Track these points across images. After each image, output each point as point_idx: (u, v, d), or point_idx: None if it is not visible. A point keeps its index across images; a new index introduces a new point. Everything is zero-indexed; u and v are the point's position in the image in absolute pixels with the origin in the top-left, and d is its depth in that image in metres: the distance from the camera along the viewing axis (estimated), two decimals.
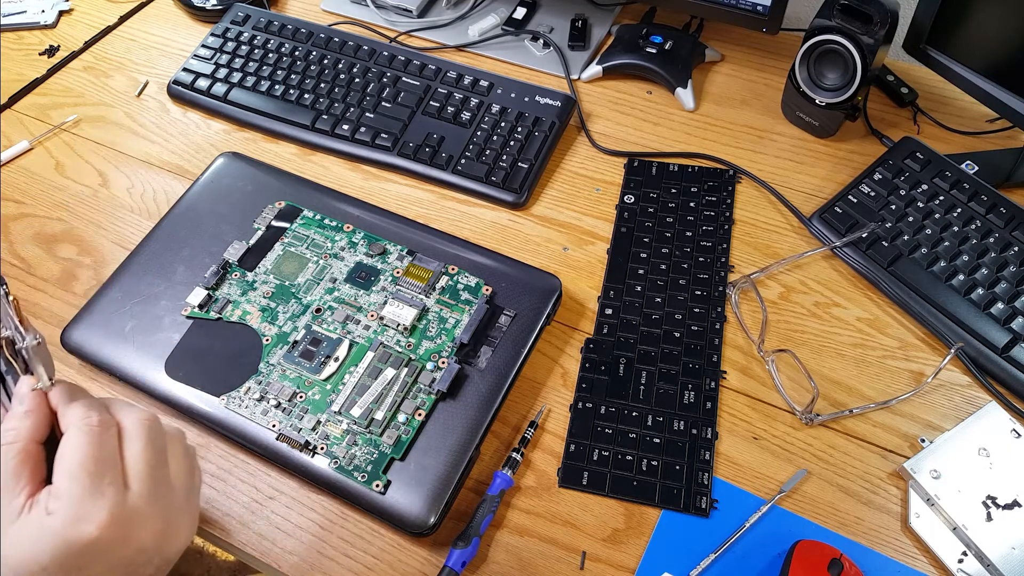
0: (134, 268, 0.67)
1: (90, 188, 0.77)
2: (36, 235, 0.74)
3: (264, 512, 0.58)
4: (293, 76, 0.83)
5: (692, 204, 0.73)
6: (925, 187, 0.71)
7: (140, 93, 0.87)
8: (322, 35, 0.86)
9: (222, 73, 0.84)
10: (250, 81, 0.83)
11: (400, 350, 0.61)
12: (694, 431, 0.60)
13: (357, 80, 0.82)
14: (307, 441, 0.57)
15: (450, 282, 0.65)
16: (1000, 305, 0.64)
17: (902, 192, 0.71)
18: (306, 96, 0.81)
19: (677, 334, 0.65)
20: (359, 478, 0.56)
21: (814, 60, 0.74)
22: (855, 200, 0.71)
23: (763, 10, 0.77)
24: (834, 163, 0.77)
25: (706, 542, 0.55)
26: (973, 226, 0.68)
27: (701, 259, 0.69)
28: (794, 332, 0.66)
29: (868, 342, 0.65)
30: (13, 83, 0.87)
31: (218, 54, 0.86)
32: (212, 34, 0.88)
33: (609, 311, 0.67)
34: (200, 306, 0.64)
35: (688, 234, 0.71)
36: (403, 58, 0.83)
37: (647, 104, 0.83)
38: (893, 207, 0.70)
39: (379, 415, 0.58)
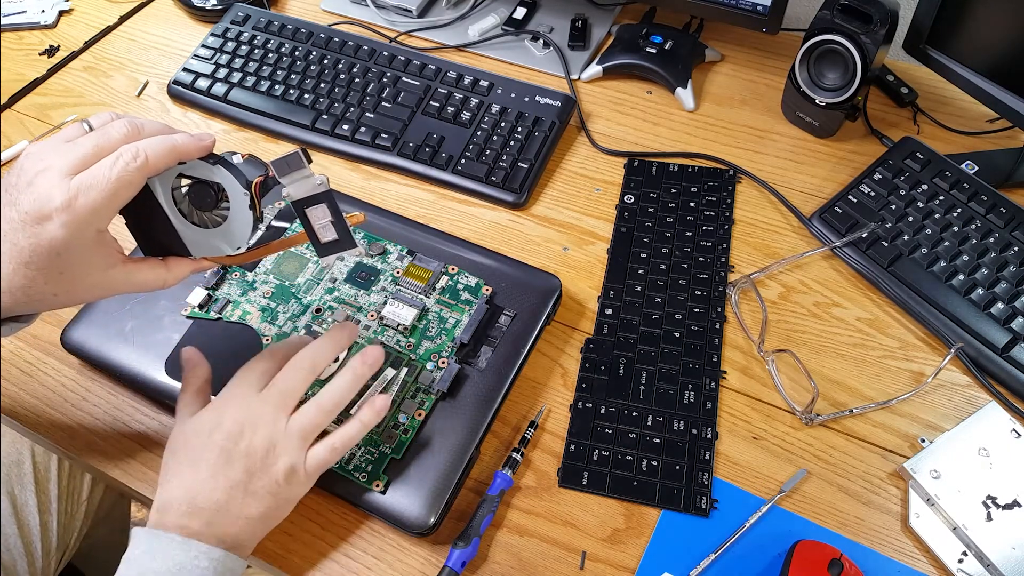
0: None
1: None
2: None
3: None
4: (293, 76, 0.83)
5: (692, 204, 0.73)
6: (925, 187, 0.71)
7: (140, 93, 0.87)
8: (322, 35, 0.86)
9: (222, 73, 0.84)
10: (250, 81, 0.83)
11: (400, 350, 0.61)
12: (694, 431, 0.60)
13: (357, 80, 0.82)
14: None
15: (450, 282, 0.65)
16: (1000, 305, 0.64)
17: (902, 192, 0.71)
18: (306, 96, 0.81)
19: (677, 334, 0.65)
20: (359, 478, 0.56)
21: (814, 60, 0.74)
22: (855, 200, 0.71)
23: (763, 10, 0.77)
24: (834, 163, 0.77)
25: (706, 542, 0.55)
26: (973, 226, 0.68)
27: (701, 259, 0.69)
28: (794, 332, 0.66)
29: (868, 342, 0.65)
30: (13, 83, 0.87)
31: (218, 54, 0.86)
32: (212, 34, 0.88)
33: (609, 311, 0.67)
34: (200, 306, 0.64)
35: (688, 234, 0.71)
36: (403, 58, 0.83)
37: (647, 104, 0.83)
38: (893, 207, 0.70)
39: None
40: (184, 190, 0.49)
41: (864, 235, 0.69)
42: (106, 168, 0.44)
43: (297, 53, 0.85)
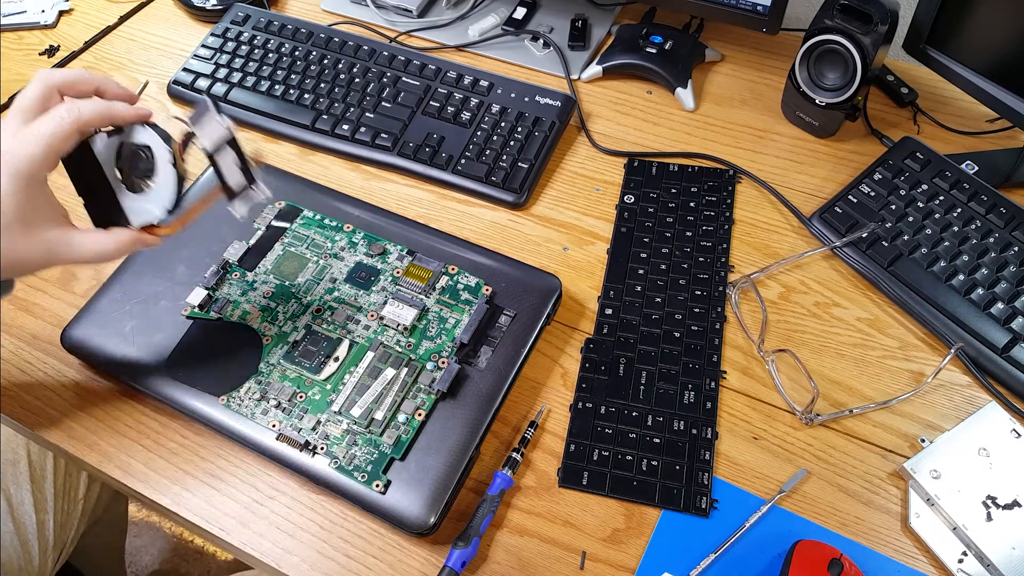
0: (134, 268, 0.67)
1: None
2: None
3: (264, 512, 0.58)
4: (293, 76, 0.83)
5: (692, 204, 0.73)
6: (925, 187, 0.71)
7: (140, 93, 0.87)
8: (322, 35, 0.86)
9: (222, 73, 0.84)
10: (250, 81, 0.83)
11: (400, 350, 0.61)
12: (694, 431, 0.60)
13: (357, 80, 0.82)
14: (307, 441, 0.57)
15: (450, 282, 0.65)
16: (1000, 305, 0.64)
17: (902, 192, 0.71)
18: (306, 96, 0.81)
19: (677, 334, 0.65)
20: (359, 478, 0.56)
21: (814, 60, 0.74)
22: (855, 200, 0.71)
23: (763, 10, 0.77)
24: (834, 163, 0.77)
25: (706, 542, 0.55)
26: (973, 226, 0.68)
27: (701, 259, 0.69)
28: (794, 332, 0.66)
29: (868, 342, 0.65)
30: (13, 83, 0.87)
31: (218, 54, 0.86)
32: (212, 34, 0.88)
33: (609, 311, 0.67)
34: (200, 306, 0.64)
35: (688, 234, 0.71)
36: (403, 58, 0.83)
37: (647, 104, 0.83)
38: (893, 207, 0.70)
39: (379, 415, 0.58)
40: (124, 156, 0.53)
41: (864, 235, 0.69)
42: (44, 122, 0.48)
43: (297, 53, 0.85)
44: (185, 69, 0.85)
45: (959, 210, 0.69)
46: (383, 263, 0.66)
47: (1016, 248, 0.66)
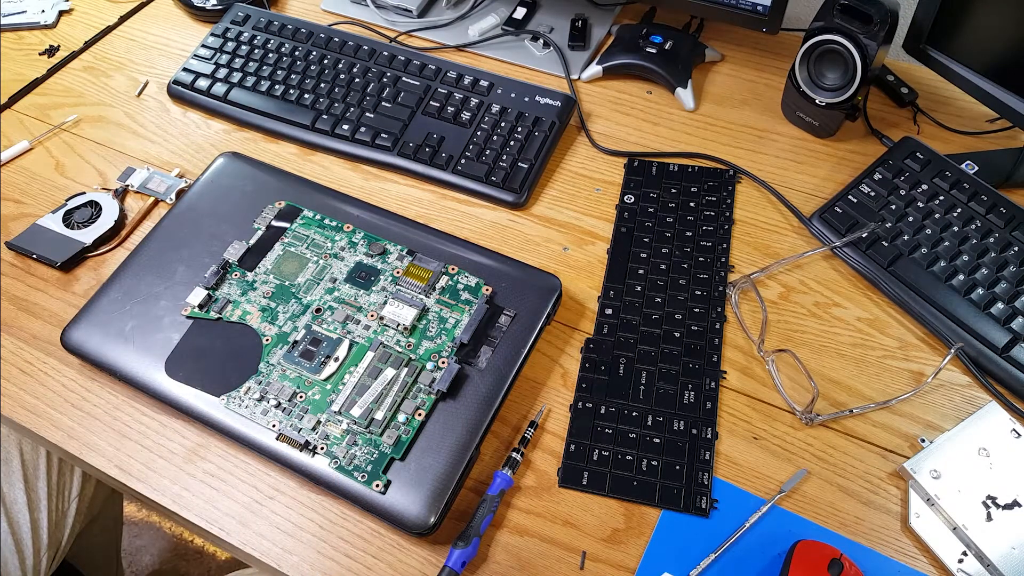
0: (134, 268, 0.67)
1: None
2: None
3: (264, 512, 0.58)
4: (293, 76, 0.83)
5: (692, 204, 0.73)
6: (925, 187, 0.71)
7: (140, 93, 0.87)
8: (322, 35, 0.86)
9: (222, 73, 0.84)
10: (250, 81, 0.83)
11: (400, 350, 0.61)
12: (694, 431, 0.60)
13: (357, 80, 0.82)
14: (307, 441, 0.57)
15: (450, 282, 0.65)
16: (1000, 305, 0.64)
17: (902, 192, 0.71)
18: (306, 96, 0.81)
19: (677, 334, 0.65)
20: (359, 478, 0.56)
21: (814, 60, 0.74)
22: (855, 200, 0.71)
23: (763, 10, 0.77)
24: (834, 163, 0.77)
25: (706, 542, 0.55)
26: (973, 226, 0.68)
27: (701, 259, 0.69)
28: (794, 332, 0.66)
29: (868, 342, 0.65)
30: (13, 83, 0.87)
31: (218, 54, 0.86)
32: (212, 34, 0.88)
33: (609, 311, 0.67)
34: (200, 306, 0.64)
35: (688, 234, 0.71)
36: (403, 58, 0.83)
37: (647, 104, 0.83)
38: (893, 207, 0.70)
39: (379, 415, 0.58)
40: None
41: (864, 235, 0.69)
42: None
43: (297, 53, 0.85)
44: (185, 69, 0.85)
45: (959, 210, 0.69)
46: (383, 263, 0.66)
47: (1016, 248, 0.66)
